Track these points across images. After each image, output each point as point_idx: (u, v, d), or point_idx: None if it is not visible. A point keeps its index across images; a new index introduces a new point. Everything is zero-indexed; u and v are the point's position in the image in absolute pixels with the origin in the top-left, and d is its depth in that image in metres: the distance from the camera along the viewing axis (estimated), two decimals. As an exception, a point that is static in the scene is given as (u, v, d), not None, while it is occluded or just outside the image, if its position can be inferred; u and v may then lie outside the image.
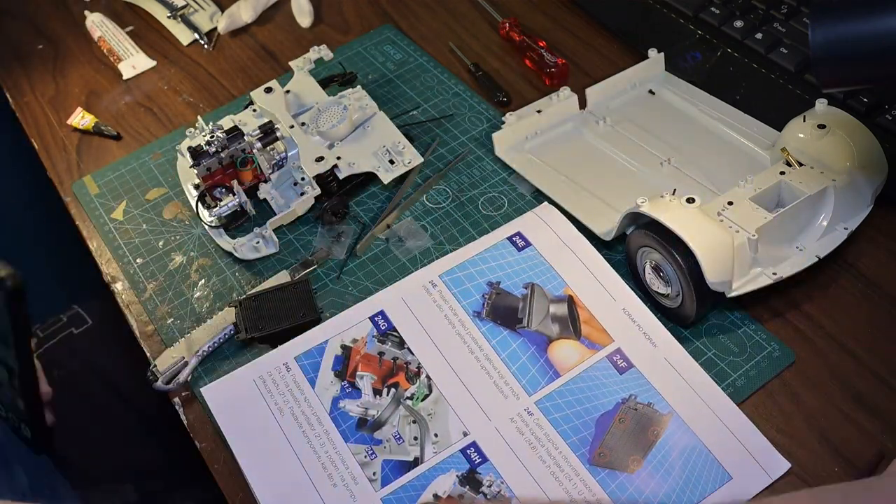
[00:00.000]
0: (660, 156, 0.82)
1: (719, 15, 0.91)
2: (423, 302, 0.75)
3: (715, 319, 0.73)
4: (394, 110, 0.93)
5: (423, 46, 1.00)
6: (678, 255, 0.68)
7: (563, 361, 0.71)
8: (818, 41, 0.58)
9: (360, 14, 1.06)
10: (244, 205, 0.81)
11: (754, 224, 0.69)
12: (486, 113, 0.92)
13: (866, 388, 0.68)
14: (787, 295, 0.74)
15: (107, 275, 0.83)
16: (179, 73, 1.02)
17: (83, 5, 1.12)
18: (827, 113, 0.75)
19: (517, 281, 0.76)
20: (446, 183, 0.86)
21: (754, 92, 0.86)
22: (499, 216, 0.82)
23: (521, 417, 0.68)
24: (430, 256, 0.80)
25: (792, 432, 0.66)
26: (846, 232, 0.72)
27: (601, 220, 0.77)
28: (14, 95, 1.03)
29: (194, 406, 0.73)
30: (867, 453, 0.65)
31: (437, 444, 0.67)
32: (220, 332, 0.75)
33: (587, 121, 0.87)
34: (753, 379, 0.69)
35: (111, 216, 0.88)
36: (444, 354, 0.72)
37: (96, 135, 0.96)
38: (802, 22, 0.88)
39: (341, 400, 0.71)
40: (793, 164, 0.73)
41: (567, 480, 0.65)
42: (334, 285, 0.79)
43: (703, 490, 0.63)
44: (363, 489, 0.66)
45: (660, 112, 0.87)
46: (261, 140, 0.81)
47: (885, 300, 0.73)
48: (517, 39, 0.97)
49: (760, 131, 0.82)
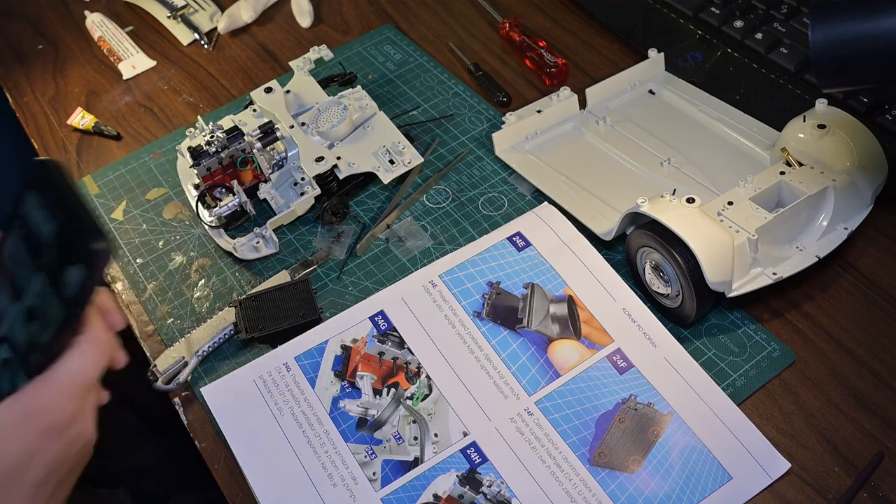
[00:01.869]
0: (660, 156, 0.82)
1: (719, 15, 0.91)
2: (423, 302, 0.75)
3: (715, 319, 0.73)
4: (394, 110, 0.93)
5: (423, 46, 1.00)
6: (678, 255, 0.68)
7: (563, 361, 0.71)
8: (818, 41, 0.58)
9: (360, 14, 1.06)
10: (244, 205, 0.81)
11: (754, 224, 0.69)
12: (486, 113, 0.92)
13: (866, 388, 0.68)
14: (787, 295, 0.74)
15: (106, 275, 0.83)
16: (179, 73, 1.02)
17: (83, 5, 1.12)
18: (827, 113, 0.75)
19: (517, 281, 0.76)
20: (446, 183, 0.86)
21: (754, 92, 0.86)
22: (499, 216, 0.82)
23: (521, 417, 0.68)
24: (430, 256, 0.80)
25: (792, 432, 0.66)
26: (846, 232, 0.72)
27: (601, 220, 0.77)
28: (14, 95, 1.03)
29: (194, 406, 0.73)
30: (867, 453, 0.65)
31: (437, 444, 0.67)
32: (220, 332, 0.75)
33: (587, 121, 0.87)
34: (753, 379, 0.69)
35: (111, 216, 0.87)
36: (444, 354, 0.72)
37: (96, 135, 0.96)
38: (802, 22, 0.88)
39: (341, 400, 0.71)
40: (793, 164, 0.73)
41: (567, 480, 0.65)
42: (334, 285, 0.79)
43: (703, 490, 0.63)
44: (363, 489, 0.66)
45: (660, 112, 0.87)
46: (261, 140, 0.81)
47: (885, 300, 0.73)
48: (517, 39, 0.97)
49: (760, 131, 0.82)
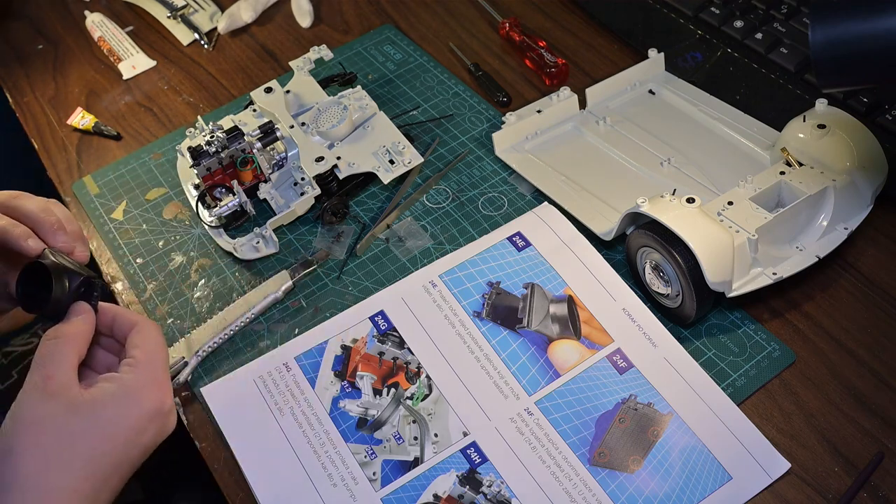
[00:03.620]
0: (660, 156, 0.82)
1: (719, 15, 0.91)
2: (423, 302, 0.75)
3: (715, 319, 0.73)
4: (394, 110, 0.93)
5: (423, 46, 1.00)
6: (678, 255, 0.68)
7: (563, 361, 0.71)
8: (818, 41, 0.58)
9: (360, 14, 1.06)
10: (244, 205, 0.81)
11: (754, 224, 0.69)
12: (486, 113, 0.92)
13: (866, 388, 0.68)
14: (787, 295, 0.74)
15: (107, 275, 0.83)
16: (179, 73, 1.02)
17: (83, 5, 1.12)
18: (827, 113, 0.75)
19: (517, 281, 0.76)
20: (446, 183, 0.86)
21: (754, 92, 0.86)
22: (499, 216, 0.82)
23: (521, 417, 0.68)
24: (430, 256, 0.80)
25: (792, 432, 0.66)
26: (846, 232, 0.72)
27: (601, 220, 0.77)
28: (14, 95, 1.03)
29: (194, 406, 0.73)
30: (867, 453, 0.65)
31: (437, 444, 0.67)
32: (220, 332, 0.75)
33: (587, 121, 0.87)
34: (753, 379, 0.69)
35: (111, 216, 0.88)
36: (444, 354, 0.72)
37: (96, 135, 0.97)
38: (802, 22, 0.88)
39: (341, 400, 0.71)
40: (793, 164, 0.73)
41: (567, 480, 0.65)
42: (334, 285, 0.79)
43: (703, 490, 0.63)
44: (363, 489, 0.66)
45: (660, 112, 0.87)
46: (261, 140, 0.81)
47: (885, 300, 0.73)
48: (517, 39, 0.97)
49: (760, 131, 0.82)
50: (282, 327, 0.76)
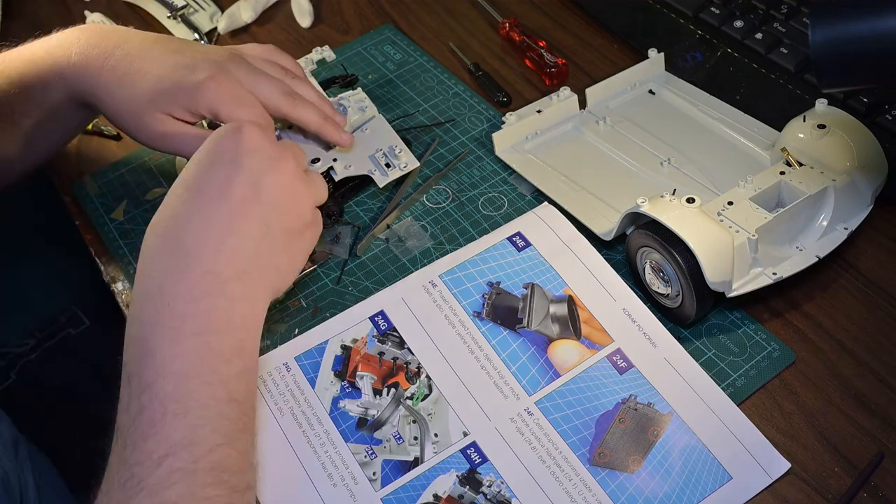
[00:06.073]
0: (660, 156, 0.82)
1: (719, 15, 0.91)
2: (423, 302, 0.75)
3: (715, 319, 0.73)
4: (394, 110, 0.93)
5: (423, 46, 1.00)
6: (678, 255, 0.68)
7: (563, 361, 0.71)
8: (818, 41, 0.58)
9: (360, 14, 1.06)
10: (244, 205, 0.81)
11: (754, 224, 0.69)
12: (486, 113, 0.92)
13: (866, 388, 0.68)
14: (787, 295, 0.74)
15: (107, 275, 0.83)
16: (179, 74, 1.02)
17: (83, 5, 1.12)
18: (827, 113, 0.75)
19: (517, 281, 0.76)
20: (446, 183, 0.86)
21: (754, 92, 0.86)
22: (499, 216, 0.82)
23: (521, 417, 0.68)
24: (430, 256, 0.80)
25: (792, 432, 0.66)
26: (846, 232, 0.72)
27: (601, 220, 0.77)
28: (14, 95, 1.03)
29: (194, 406, 0.73)
30: (867, 453, 0.65)
31: (437, 444, 0.67)
32: (219, 332, 0.75)
33: (587, 121, 0.87)
34: (753, 379, 0.69)
35: (111, 216, 0.87)
36: (444, 354, 0.72)
37: (96, 135, 0.96)
38: (802, 22, 0.88)
39: (341, 400, 0.71)
40: (793, 164, 0.74)
41: (567, 480, 0.65)
42: (334, 285, 0.79)
43: (703, 490, 0.63)
44: (363, 489, 0.66)
45: (660, 112, 0.87)
46: (261, 140, 0.80)
47: (885, 300, 0.73)
48: (517, 39, 0.97)
49: (760, 131, 0.82)
50: (281, 327, 0.76)
